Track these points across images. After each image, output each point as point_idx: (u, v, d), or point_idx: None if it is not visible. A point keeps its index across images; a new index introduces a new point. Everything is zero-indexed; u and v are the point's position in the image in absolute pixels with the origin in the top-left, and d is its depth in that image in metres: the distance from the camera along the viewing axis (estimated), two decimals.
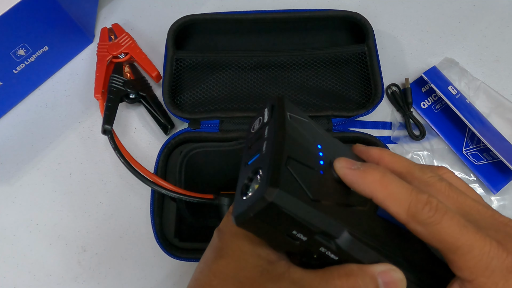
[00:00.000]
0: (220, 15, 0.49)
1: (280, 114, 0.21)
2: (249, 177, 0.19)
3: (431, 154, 0.48)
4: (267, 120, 0.22)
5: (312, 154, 0.21)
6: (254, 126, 0.23)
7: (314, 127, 0.24)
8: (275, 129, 0.20)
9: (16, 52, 0.44)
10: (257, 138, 0.22)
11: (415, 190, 0.20)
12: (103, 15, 0.55)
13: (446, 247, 0.19)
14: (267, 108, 0.23)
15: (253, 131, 0.23)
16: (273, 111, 0.22)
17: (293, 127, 0.21)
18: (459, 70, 0.51)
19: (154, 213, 0.41)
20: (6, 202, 0.46)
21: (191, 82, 0.49)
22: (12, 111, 0.50)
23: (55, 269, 0.43)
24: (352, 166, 0.21)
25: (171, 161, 0.45)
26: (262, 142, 0.20)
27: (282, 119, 0.21)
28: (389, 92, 0.50)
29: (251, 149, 0.22)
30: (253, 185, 0.19)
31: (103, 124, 0.44)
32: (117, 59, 0.50)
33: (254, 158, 0.20)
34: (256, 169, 0.19)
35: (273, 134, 0.20)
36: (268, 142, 0.20)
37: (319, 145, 0.22)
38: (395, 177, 0.20)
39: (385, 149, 0.25)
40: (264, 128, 0.22)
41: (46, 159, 0.48)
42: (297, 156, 0.19)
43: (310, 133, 0.22)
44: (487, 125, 0.46)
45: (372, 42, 0.48)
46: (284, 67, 0.50)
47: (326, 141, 0.23)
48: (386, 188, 0.20)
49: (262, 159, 0.19)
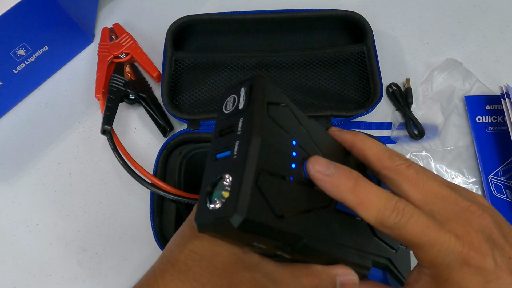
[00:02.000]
0: (219, 16, 0.49)
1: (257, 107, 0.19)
2: (214, 182, 0.18)
3: (429, 155, 0.48)
4: (243, 107, 0.20)
5: (285, 157, 0.20)
6: (227, 104, 0.21)
7: (292, 113, 0.22)
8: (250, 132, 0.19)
9: (16, 52, 0.44)
10: (230, 126, 0.20)
11: (384, 196, 0.21)
12: (103, 15, 0.55)
13: (410, 245, 0.21)
14: (244, 88, 0.21)
15: (226, 112, 0.21)
16: (251, 97, 0.20)
17: (270, 126, 0.20)
18: (463, 71, 0.51)
19: (154, 214, 0.41)
20: (6, 202, 0.46)
21: (190, 82, 0.49)
22: (12, 111, 0.50)
23: (55, 269, 0.44)
24: (326, 170, 0.21)
25: (171, 162, 0.45)
26: (234, 139, 0.19)
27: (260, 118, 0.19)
28: (389, 91, 0.50)
29: (222, 137, 0.20)
30: (220, 192, 0.18)
31: (103, 124, 0.44)
32: (118, 59, 0.50)
33: (224, 155, 0.19)
34: (223, 174, 0.18)
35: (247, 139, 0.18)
36: (241, 145, 0.19)
37: (294, 140, 0.21)
38: (366, 184, 0.21)
39: (357, 134, 0.26)
40: (238, 117, 0.20)
41: (46, 159, 0.48)
42: (270, 167, 0.19)
43: (287, 125, 0.21)
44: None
45: (371, 41, 0.48)
46: (283, 67, 0.50)
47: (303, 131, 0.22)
48: (357, 196, 0.21)
49: (233, 164, 0.18)
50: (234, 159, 0.18)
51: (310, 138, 0.23)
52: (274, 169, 0.19)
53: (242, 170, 0.18)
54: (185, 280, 0.22)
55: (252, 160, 0.18)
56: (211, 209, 0.18)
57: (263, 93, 0.20)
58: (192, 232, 0.23)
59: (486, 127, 0.49)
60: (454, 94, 0.50)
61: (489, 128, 0.49)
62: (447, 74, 0.51)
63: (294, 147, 0.21)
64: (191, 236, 0.23)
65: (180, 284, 0.22)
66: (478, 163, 0.47)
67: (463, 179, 0.47)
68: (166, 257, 0.24)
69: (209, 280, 0.22)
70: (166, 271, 0.23)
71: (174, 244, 0.24)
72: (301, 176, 0.21)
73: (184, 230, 0.24)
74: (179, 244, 0.24)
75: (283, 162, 0.20)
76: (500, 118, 0.49)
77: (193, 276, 0.22)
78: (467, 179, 0.47)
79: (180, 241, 0.24)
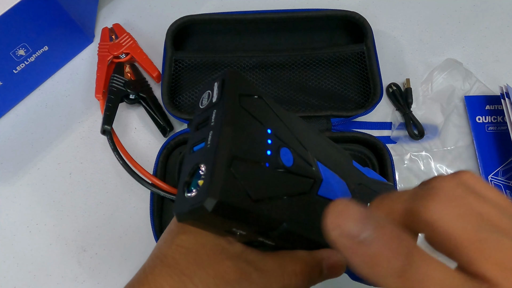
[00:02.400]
0: (218, 16, 0.49)
1: (229, 99, 0.20)
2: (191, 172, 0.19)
3: (429, 155, 0.48)
4: (216, 100, 0.21)
5: (260, 145, 0.20)
6: (203, 100, 0.22)
7: (267, 104, 0.23)
8: (222, 120, 0.19)
9: (16, 52, 0.44)
10: (205, 119, 0.21)
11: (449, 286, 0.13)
12: (103, 15, 0.55)
13: None
14: (217, 83, 0.21)
15: (201, 107, 0.22)
16: (223, 90, 0.21)
17: (242, 115, 0.20)
18: (463, 71, 0.51)
19: (154, 214, 0.41)
20: (6, 202, 0.46)
21: (190, 82, 0.49)
22: (12, 111, 0.50)
23: (55, 269, 0.44)
24: (360, 233, 0.13)
25: (171, 162, 0.45)
26: (208, 131, 0.20)
27: (231, 107, 0.20)
28: (389, 91, 0.50)
29: (198, 131, 0.21)
30: (196, 181, 0.19)
31: (103, 124, 0.44)
32: (118, 59, 0.50)
33: (199, 147, 0.20)
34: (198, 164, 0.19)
35: (219, 127, 0.19)
36: (214, 134, 0.19)
37: (269, 129, 0.21)
38: (422, 263, 0.13)
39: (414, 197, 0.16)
40: (212, 110, 0.21)
41: (46, 159, 0.48)
42: (243, 153, 0.19)
43: (261, 115, 0.21)
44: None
45: (371, 41, 0.48)
46: (283, 67, 0.50)
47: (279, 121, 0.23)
48: (405, 284, 0.13)
49: (206, 153, 0.19)
50: (208, 148, 0.19)
51: (288, 128, 0.23)
52: (247, 155, 0.19)
53: (215, 157, 0.18)
54: (173, 273, 0.22)
55: (223, 147, 0.18)
56: (187, 197, 0.18)
57: (235, 86, 0.21)
58: (178, 228, 0.24)
59: (486, 127, 0.49)
60: (454, 94, 0.50)
61: (489, 128, 0.49)
62: (447, 74, 0.51)
63: (269, 135, 0.21)
64: (177, 231, 0.24)
65: (168, 278, 0.22)
66: (478, 163, 0.47)
67: None
68: (155, 254, 0.24)
69: (196, 272, 0.22)
70: (155, 267, 0.23)
71: (162, 241, 0.25)
72: (277, 163, 0.21)
73: (171, 227, 0.25)
74: (166, 240, 0.24)
75: (257, 149, 0.20)
76: (500, 118, 0.49)
77: (181, 269, 0.22)
78: None
79: (168, 237, 0.24)
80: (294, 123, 0.24)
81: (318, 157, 0.24)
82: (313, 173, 0.23)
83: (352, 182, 0.27)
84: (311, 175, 0.22)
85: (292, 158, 0.22)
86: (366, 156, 0.46)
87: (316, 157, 0.24)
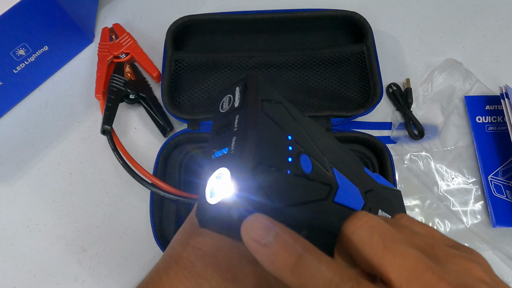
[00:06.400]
0: (218, 15, 0.49)
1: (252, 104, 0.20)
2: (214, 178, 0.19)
3: (429, 155, 0.48)
4: (238, 105, 0.21)
5: (282, 151, 0.20)
6: (223, 104, 0.22)
7: (286, 110, 0.23)
8: (246, 127, 0.19)
9: (16, 52, 0.44)
10: (226, 124, 0.21)
11: (334, 283, 0.16)
12: (103, 15, 0.55)
13: None
14: (238, 87, 0.22)
15: (222, 111, 0.22)
16: (246, 95, 0.21)
17: (265, 121, 0.20)
18: (463, 71, 0.51)
19: (154, 214, 0.41)
20: (6, 202, 0.46)
21: (190, 82, 0.49)
22: (12, 111, 0.50)
23: (55, 269, 0.44)
24: (262, 239, 0.16)
25: (171, 161, 0.45)
26: (231, 137, 0.20)
27: (255, 113, 0.20)
28: (389, 91, 0.50)
29: (219, 136, 0.21)
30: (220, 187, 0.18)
31: (103, 124, 0.44)
32: (118, 59, 0.50)
33: (222, 152, 0.20)
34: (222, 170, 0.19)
35: (243, 134, 0.19)
36: (238, 141, 0.19)
37: (289, 136, 0.21)
38: (313, 261, 0.16)
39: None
40: (234, 115, 0.21)
41: (46, 159, 0.48)
42: (266, 160, 0.19)
43: (282, 121, 0.22)
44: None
45: (371, 41, 0.48)
46: (283, 67, 0.50)
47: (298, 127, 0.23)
48: (298, 278, 0.16)
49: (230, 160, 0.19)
50: (232, 154, 0.19)
51: (306, 134, 0.23)
52: (271, 162, 0.19)
53: (240, 164, 0.18)
54: (189, 276, 0.22)
55: (249, 153, 0.18)
56: (212, 204, 0.18)
57: (257, 91, 0.21)
58: (194, 229, 0.24)
59: (486, 127, 0.49)
60: (454, 94, 0.50)
61: (489, 128, 0.49)
62: (447, 74, 0.51)
63: (289, 142, 0.21)
64: (193, 233, 0.23)
65: (184, 280, 0.22)
66: (478, 163, 0.47)
67: (463, 179, 0.47)
68: (169, 255, 0.24)
69: (213, 275, 0.22)
70: (170, 268, 0.23)
71: (176, 242, 0.24)
72: (297, 169, 0.21)
73: (186, 227, 0.25)
74: (181, 241, 0.24)
75: (279, 155, 0.20)
76: (500, 118, 0.49)
77: (197, 271, 0.22)
78: (467, 179, 0.47)
79: (183, 239, 0.24)
80: (311, 128, 0.24)
81: (333, 163, 0.24)
82: (330, 180, 0.22)
83: (364, 188, 0.27)
84: (328, 182, 0.22)
85: (311, 165, 0.22)
86: (366, 156, 0.46)
87: (332, 163, 0.24)
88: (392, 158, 0.43)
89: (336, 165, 0.24)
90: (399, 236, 0.17)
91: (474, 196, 0.46)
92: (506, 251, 0.44)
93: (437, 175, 0.47)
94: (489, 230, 0.45)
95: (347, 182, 0.25)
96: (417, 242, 0.17)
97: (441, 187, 0.46)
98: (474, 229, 0.45)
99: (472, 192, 0.46)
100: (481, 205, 0.46)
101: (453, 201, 0.46)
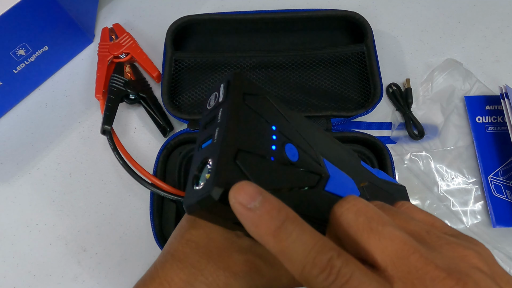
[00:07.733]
0: (218, 16, 0.49)
1: (234, 97, 0.21)
2: (199, 167, 0.20)
3: (429, 155, 0.48)
4: (222, 99, 0.22)
5: (265, 140, 0.21)
6: (210, 102, 0.23)
7: (271, 103, 0.23)
8: (228, 116, 0.20)
9: (16, 52, 0.44)
10: (212, 119, 0.22)
11: (316, 248, 0.15)
12: (103, 15, 0.55)
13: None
14: (223, 84, 0.23)
15: (208, 108, 0.23)
16: (228, 90, 0.22)
17: (247, 112, 0.21)
18: (463, 71, 0.51)
19: (154, 214, 0.41)
20: (6, 202, 0.46)
21: (190, 82, 0.49)
22: (12, 111, 0.50)
23: (55, 269, 0.44)
24: (248, 203, 0.16)
25: (171, 162, 0.45)
26: (215, 127, 0.20)
27: (236, 104, 0.21)
28: (389, 91, 0.50)
29: (205, 129, 0.22)
30: (204, 175, 0.19)
31: (103, 124, 0.44)
32: (118, 59, 0.50)
33: (207, 143, 0.21)
34: (206, 159, 0.20)
35: (225, 123, 0.20)
36: (220, 130, 0.20)
37: (273, 126, 0.22)
38: (295, 228, 0.16)
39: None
40: (218, 109, 0.22)
41: (46, 159, 0.48)
42: (248, 147, 0.20)
43: (266, 113, 0.22)
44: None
45: (371, 41, 0.48)
46: (283, 67, 0.50)
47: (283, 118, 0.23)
48: (279, 243, 0.16)
49: (213, 148, 0.20)
50: (214, 143, 0.20)
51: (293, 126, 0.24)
52: (253, 149, 0.20)
53: (220, 150, 0.19)
54: (183, 267, 0.23)
55: (229, 140, 0.19)
56: (196, 190, 0.19)
57: (239, 85, 0.22)
58: (189, 224, 0.25)
59: (486, 127, 0.49)
60: (454, 94, 0.50)
61: (489, 128, 0.49)
62: (447, 74, 0.51)
63: (273, 131, 0.22)
64: (188, 227, 0.25)
65: (179, 271, 0.23)
66: (478, 163, 0.47)
67: (463, 179, 0.47)
68: (166, 250, 0.25)
69: (206, 265, 0.23)
70: (166, 262, 0.24)
71: (173, 237, 0.25)
72: (282, 157, 0.21)
73: (182, 223, 0.26)
74: (177, 236, 0.25)
75: (262, 143, 0.21)
76: (500, 118, 0.49)
77: (191, 263, 0.23)
78: (467, 179, 0.47)
79: (178, 233, 0.25)
80: (299, 121, 0.24)
81: (324, 154, 0.24)
82: (319, 169, 0.23)
83: (361, 180, 0.27)
84: (317, 171, 0.23)
85: (297, 153, 0.22)
86: (366, 156, 0.46)
87: (322, 154, 0.24)
88: (392, 158, 0.43)
89: (328, 157, 0.25)
90: (386, 219, 0.17)
91: (474, 196, 0.46)
92: (506, 251, 0.44)
93: (437, 175, 0.47)
94: (489, 230, 0.45)
95: (340, 173, 0.25)
96: (410, 227, 0.18)
97: (441, 187, 0.46)
98: (474, 229, 0.45)
99: (472, 192, 0.46)
100: (481, 205, 0.46)
101: (453, 201, 0.46)
